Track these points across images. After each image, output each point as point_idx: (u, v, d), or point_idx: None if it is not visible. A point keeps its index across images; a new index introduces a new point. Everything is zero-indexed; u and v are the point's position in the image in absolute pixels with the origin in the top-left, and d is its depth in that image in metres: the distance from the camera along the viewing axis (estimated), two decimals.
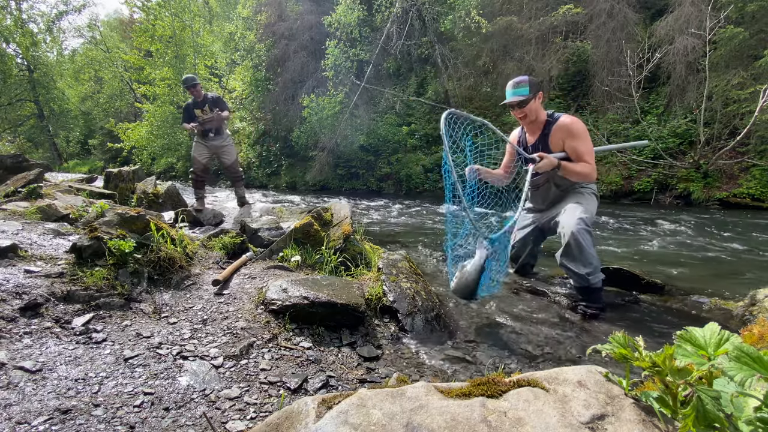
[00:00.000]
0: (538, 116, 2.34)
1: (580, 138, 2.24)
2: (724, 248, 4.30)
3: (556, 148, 2.31)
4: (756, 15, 9.36)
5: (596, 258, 2.16)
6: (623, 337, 0.78)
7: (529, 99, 2.24)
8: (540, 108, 2.34)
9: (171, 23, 16.66)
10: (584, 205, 2.25)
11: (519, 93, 2.25)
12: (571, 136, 2.25)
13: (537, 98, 2.29)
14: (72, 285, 1.66)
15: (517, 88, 2.26)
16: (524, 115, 2.30)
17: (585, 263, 2.11)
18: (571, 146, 2.25)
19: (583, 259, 2.11)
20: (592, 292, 2.17)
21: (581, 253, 2.11)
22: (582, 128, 2.26)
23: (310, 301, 1.69)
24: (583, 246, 2.10)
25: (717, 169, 9.31)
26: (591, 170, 2.26)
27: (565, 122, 2.27)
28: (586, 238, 2.11)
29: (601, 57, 11.75)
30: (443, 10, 12.68)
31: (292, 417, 0.75)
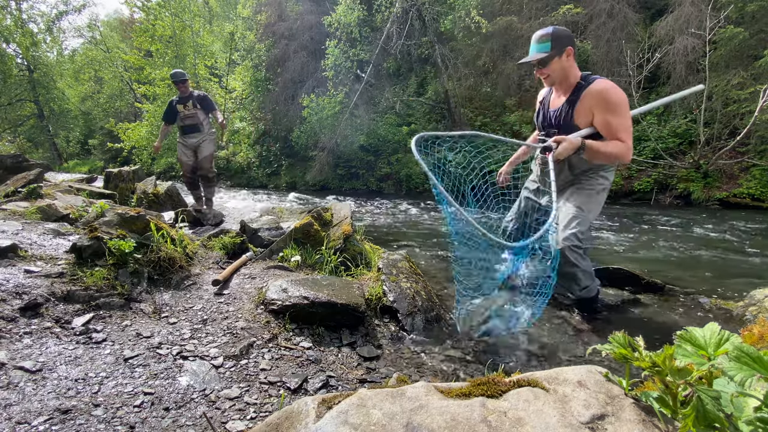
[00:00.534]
0: (567, 77, 1.92)
1: (616, 110, 1.82)
2: (724, 248, 4.30)
3: (582, 118, 1.90)
4: (756, 15, 9.36)
5: (588, 272, 1.96)
6: (623, 337, 0.78)
7: (551, 57, 1.85)
8: (571, 67, 1.90)
9: (171, 23, 16.66)
10: (585, 211, 1.95)
11: (540, 50, 1.86)
12: (604, 106, 1.83)
13: (565, 55, 1.87)
14: (72, 285, 1.66)
15: (539, 44, 1.87)
16: (547, 76, 1.92)
17: (575, 282, 1.96)
18: (604, 120, 1.84)
19: (572, 277, 1.94)
20: (586, 303, 2.09)
21: (569, 271, 1.92)
22: (620, 97, 1.84)
23: (310, 301, 1.69)
24: (572, 264, 1.89)
25: (717, 169, 9.32)
26: (626, 150, 1.84)
27: (598, 88, 1.84)
28: (575, 256, 1.89)
29: (601, 57, 11.74)
30: (443, 10, 12.68)
31: (292, 417, 0.75)
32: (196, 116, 4.74)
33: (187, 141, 4.77)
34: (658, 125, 10.70)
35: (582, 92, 1.88)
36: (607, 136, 1.86)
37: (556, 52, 1.85)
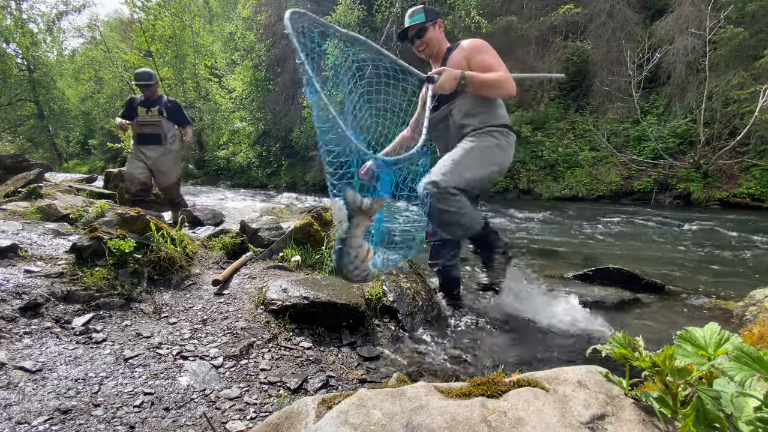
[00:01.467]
0: (440, 48, 2.07)
1: (485, 50, 1.92)
2: (724, 248, 4.30)
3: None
4: (756, 15, 9.36)
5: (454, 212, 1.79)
6: (623, 337, 0.78)
7: (426, 26, 2.00)
8: (443, 39, 2.08)
9: (171, 23, 16.65)
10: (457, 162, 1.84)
11: (414, 20, 2.01)
12: (475, 52, 1.93)
13: (436, 26, 2.04)
14: (72, 285, 1.66)
15: (413, 16, 2.02)
16: (425, 46, 2.05)
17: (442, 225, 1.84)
18: (478, 60, 1.91)
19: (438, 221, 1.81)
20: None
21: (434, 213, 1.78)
22: (485, 42, 1.97)
23: (310, 301, 1.69)
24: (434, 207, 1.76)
25: (717, 169, 9.32)
26: (506, 78, 1.85)
27: (465, 43, 1.98)
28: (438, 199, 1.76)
29: (601, 57, 11.74)
30: (443, 10, 12.68)
31: (292, 417, 0.75)
32: (160, 125, 4.03)
33: (143, 153, 4.02)
34: (658, 125, 10.70)
35: (451, 52, 2.02)
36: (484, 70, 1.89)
37: (430, 22, 2.01)
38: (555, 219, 7.00)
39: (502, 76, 1.85)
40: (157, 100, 4.08)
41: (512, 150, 2.04)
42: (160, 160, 4.05)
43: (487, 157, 1.93)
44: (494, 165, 1.95)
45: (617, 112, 11.32)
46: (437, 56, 2.09)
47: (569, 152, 11.68)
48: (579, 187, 11.03)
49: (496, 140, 1.96)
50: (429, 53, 2.08)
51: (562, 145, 11.90)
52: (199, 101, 18.45)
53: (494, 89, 1.89)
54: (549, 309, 2.23)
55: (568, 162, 11.59)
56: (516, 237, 5.11)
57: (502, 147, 1.97)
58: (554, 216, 7.33)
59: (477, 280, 2.71)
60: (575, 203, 10.08)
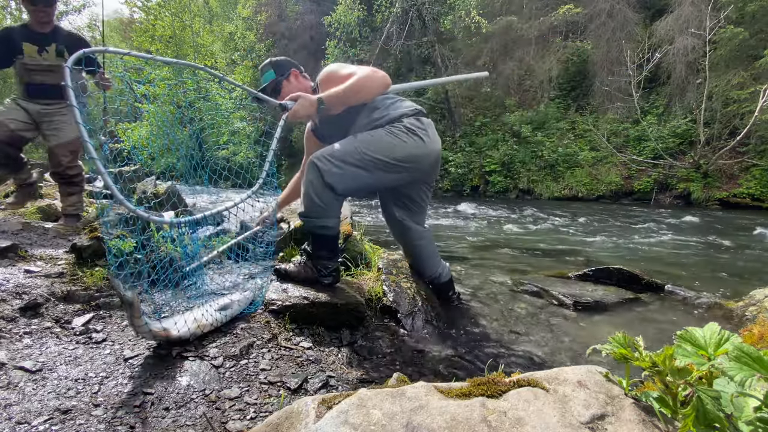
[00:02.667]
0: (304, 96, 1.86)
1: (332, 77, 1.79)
2: (724, 248, 4.30)
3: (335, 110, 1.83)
4: (756, 15, 9.37)
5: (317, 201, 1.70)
6: (623, 337, 0.78)
7: (279, 81, 1.91)
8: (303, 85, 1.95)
9: (171, 23, 16.65)
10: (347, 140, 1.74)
11: (266, 80, 1.94)
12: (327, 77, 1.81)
13: (291, 78, 1.94)
14: (72, 285, 1.66)
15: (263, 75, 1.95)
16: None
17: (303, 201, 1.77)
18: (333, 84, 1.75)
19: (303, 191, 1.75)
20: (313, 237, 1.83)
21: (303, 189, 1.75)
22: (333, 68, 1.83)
23: (310, 301, 1.69)
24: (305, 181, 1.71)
25: (717, 169, 9.32)
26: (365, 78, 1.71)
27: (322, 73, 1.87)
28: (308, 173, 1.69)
29: (601, 57, 11.74)
30: (443, 10, 12.68)
31: (292, 417, 0.75)
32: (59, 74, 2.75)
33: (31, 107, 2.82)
34: (658, 125, 10.70)
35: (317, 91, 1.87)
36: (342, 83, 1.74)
37: (281, 77, 1.92)
38: (555, 219, 7.00)
39: (357, 78, 1.69)
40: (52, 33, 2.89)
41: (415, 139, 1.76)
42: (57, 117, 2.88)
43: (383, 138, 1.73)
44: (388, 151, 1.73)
45: (617, 112, 11.32)
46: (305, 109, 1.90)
47: (569, 152, 11.68)
48: (579, 187, 11.03)
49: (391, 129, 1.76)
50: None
51: (562, 145, 11.91)
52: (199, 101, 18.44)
53: (358, 93, 1.73)
54: (549, 309, 2.24)
55: (568, 162, 11.60)
56: (516, 237, 5.11)
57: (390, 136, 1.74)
58: (554, 216, 7.33)
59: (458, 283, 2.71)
60: (575, 203, 10.08)
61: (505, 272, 3.07)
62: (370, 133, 1.75)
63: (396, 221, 2.05)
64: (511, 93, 13.18)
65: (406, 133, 1.75)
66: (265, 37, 16.27)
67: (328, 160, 1.67)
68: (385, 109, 1.84)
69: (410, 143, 1.75)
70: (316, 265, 1.84)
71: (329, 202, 1.72)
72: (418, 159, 1.79)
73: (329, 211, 1.74)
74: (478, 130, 13.47)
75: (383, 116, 1.81)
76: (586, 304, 2.30)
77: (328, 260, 1.84)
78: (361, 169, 1.70)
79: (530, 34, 12.51)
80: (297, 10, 15.72)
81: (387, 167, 1.73)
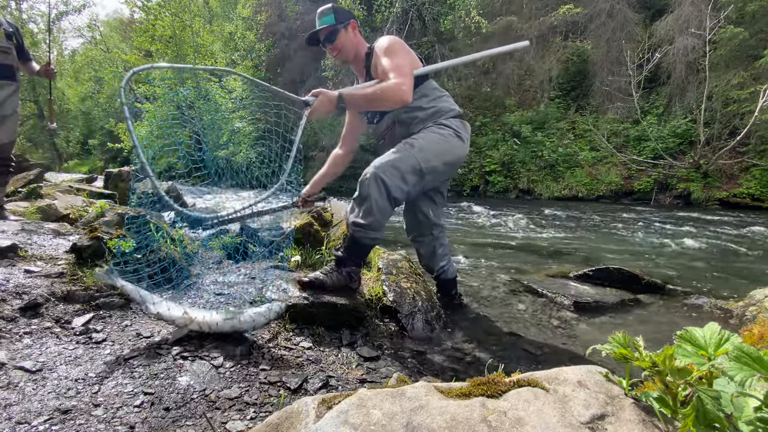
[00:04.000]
0: (358, 52, 1.88)
1: (388, 51, 1.73)
2: (724, 248, 4.30)
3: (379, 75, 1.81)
4: (756, 15, 9.37)
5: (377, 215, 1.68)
6: (623, 337, 0.78)
7: (337, 29, 1.80)
8: (359, 43, 1.88)
9: (171, 23, 16.65)
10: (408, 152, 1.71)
11: (323, 23, 1.81)
12: (382, 50, 1.75)
13: (349, 29, 1.84)
14: (72, 285, 1.66)
15: (321, 18, 1.82)
16: (338, 52, 1.86)
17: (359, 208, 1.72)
18: (378, 63, 1.75)
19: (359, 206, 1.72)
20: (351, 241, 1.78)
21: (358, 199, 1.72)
22: (396, 42, 1.78)
23: (310, 301, 1.69)
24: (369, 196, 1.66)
25: (717, 169, 9.32)
26: (392, 90, 1.63)
27: (379, 43, 1.79)
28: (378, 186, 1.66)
29: (601, 57, 11.74)
30: (443, 10, 12.69)
31: (292, 417, 0.75)
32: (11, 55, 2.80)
33: None
34: (658, 125, 10.70)
35: (372, 56, 1.83)
36: (380, 77, 1.75)
37: (341, 25, 1.80)
38: (555, 219, 7.00)
39: (385, 86, 1.65)
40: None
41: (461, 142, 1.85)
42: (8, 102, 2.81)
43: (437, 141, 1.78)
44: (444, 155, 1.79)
45: (617, 112, 11.32)
46: (358, 63, 1.91)
47: (569, 152, 11.68)
48: (579, 187, 11.03)
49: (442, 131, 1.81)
50: (344, 59, 1.89)
51: (562, 145, 11.91)
52: (199, 101, 18.44)
53: (377, 102, 1.69)
54: (549, 309, 2.24)
55: (568, 162, 11.60)
56: (516, 237, 5.11)
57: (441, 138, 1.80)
58: (554, 216, 7.33)
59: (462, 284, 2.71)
60: (575, 203, 10.08)
61: (505, 272, 3.07)
62: (424, 138, 1.77)
63: (423, 216, 2.06)
64: (511, 93, 13.18)
65: (455, 137, 1.82)
66: (265, 37, 16.26)
67: (394, 174, 1.66)
68: (433, 100, 1.88)
69: (457, 146, 1.83)
70: (350, 272, 1.83)
71: (388, 215, 1.74)
72: (460, 160, 1.88)
73: (384, 222, 1.77)
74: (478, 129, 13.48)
75: (431, 107, 1.85)
76: (586, 304, 2.30)
77: (359, 267, 1.87)
78: (419, 177, 1.73)
79: (530, 34, 12.51)
80: (297, 10, 15.72)
81: (438, 171, 1.79)
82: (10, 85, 2.84)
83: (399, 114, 1.85)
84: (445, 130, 1.81)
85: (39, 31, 25.32)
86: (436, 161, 1.75)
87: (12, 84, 2.86)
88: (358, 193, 1.72)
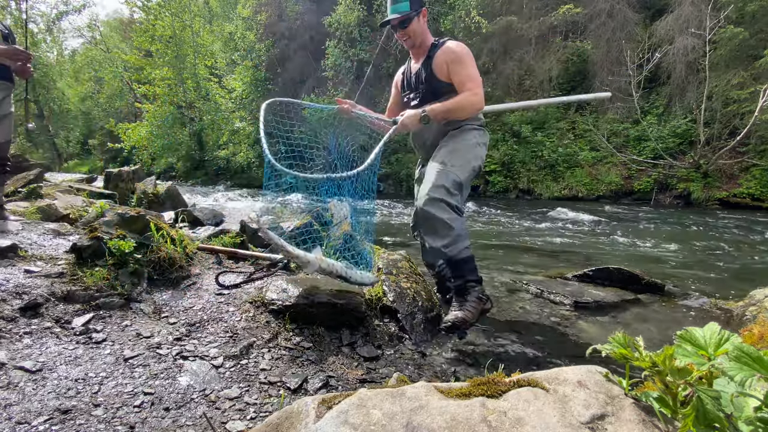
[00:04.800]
0: (424, 40, 1.99)
1: (463, 62, 1.88)
2: (724, 248, 4.30)
3: (441, 74, 1.94)
4: (756, 15, 9.36)
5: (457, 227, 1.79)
6: (623, 337, 0.78)
7: (411, 16, 1.89)
8: (426, 31, 1.99)
9: (171, 23, 16.65)
10: (447, 165, 1.86)
11: (398, 10, 1.89)
12: (454, 59, 1.89)
13: (421, 17, 1.94)
14: (72, 285, 1.66)
15: (397, 4, 1.89)
16: (408, 38, 1.96)
17: (439, 236, 1.79)
18: (454, 71, 1.90)
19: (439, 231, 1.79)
20: (456, 264, 1.81)
21: (432, 226, 1.80)
22: (468, 52, 1.91)
23: (310, 301, 1.69)
24: (435, 218, 1.77)
25: (717, 169, 9.32)
26: (472, 99, 1.84)
27: (451, 46, 1.92)
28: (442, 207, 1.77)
29: (601, 57, 11.74)
30: (443, 10, 12.68)
31: (292, 417, 0.75)
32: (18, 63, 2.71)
33: None
34: (658, 125, 10.69)
35: (437, 50, 1.94)
36: (457, 86, 1.90)
37: (414, 13, 1.90)
38: (555, 219, 7.00)
39: (464, 98, 1.84)
40: None
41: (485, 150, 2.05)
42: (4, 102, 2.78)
43: (471, 155, 1.94)
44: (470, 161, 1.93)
45: (617, 112, 11.32)
46: (421, 49, 2.01)
47: (569, 152, 11.68)
48: (579, 187, 11.03)
49: (476, 137, 1.99)
50: (412, 44, 2.00)
51: (562, 145, 11.91)
52: (199, 101, 18.48)
53: (459, 112, 1.88)
54: (549, 309, 2.23)
55: (568, 162, 11.60)
56: (516, 237, 5.11)
57: (478, 145, 1.98)
58: (554, 216, 7.33)
59: None
60: (575, 203, 10.08)
61: (505, 272, 3.07)
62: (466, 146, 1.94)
63: None
64: (511, 93, 13.18)
65: (486, 143, 2.04)
66: (265, 37, 16.25)
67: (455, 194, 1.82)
68: None
69: (485, 150, 2.04)
70: (476, 294, 1.81)
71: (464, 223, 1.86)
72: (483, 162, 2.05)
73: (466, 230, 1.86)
74: None
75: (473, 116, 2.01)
76: (586, 304, 2.30)
77: (478, 282, 1.85)
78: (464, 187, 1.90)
79: (530, 34, 12.51)
80: (297, 10, 15.71)
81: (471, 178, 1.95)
82: (7, 86, 2.85)
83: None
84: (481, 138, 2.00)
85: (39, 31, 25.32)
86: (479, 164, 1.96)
87: (9, 84, 2.86)
88: (422, 223, 1.85)
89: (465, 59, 1.88)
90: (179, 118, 18.81)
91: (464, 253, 1.79)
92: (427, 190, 1.81)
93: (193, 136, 19.46)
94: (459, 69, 1.88)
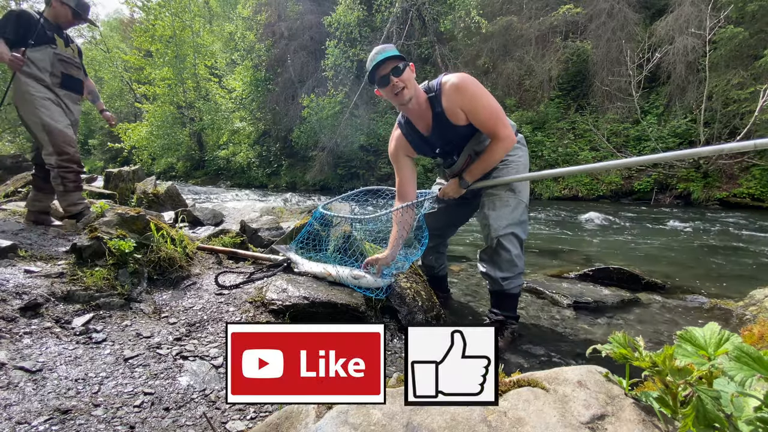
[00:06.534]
0: (418, 93, 1.73)
1: (474, 99, 1.67)
2: (724, 248, 4.30)
3: (461, 121, 1.74)
4: (756, 15, 9.35)
5: (520, 265, 1.83)
6: (623, 337, 0.78)
7: (406, 65, 1.68)
8: (415, 83, 1.74)
9: (171, 23, 16.65)
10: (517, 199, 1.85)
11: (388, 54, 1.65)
12: (464, 102, 1.68)
13: (410, 67, 1.71)
14: (72, 285, 1.66)
15: (384, 52, 1.66)
16: (403, 87, 1.66)
17: (504, 269, 1.82)
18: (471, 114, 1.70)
19: (503, 265, 1.82)
20: (505, 298, 1.87)
21: (502, 259, 1.81)
22: (471, 83, 1.69)
23: (310, 301, 1.69)
24: (510, 252, 1.79)
25: (717, 169, 9.32)
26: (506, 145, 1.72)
27: (451, 84, 1.68)
28: (515, 243, 1.81)
29: (601, 57, 11.74)
30: (443, 10, 12.68)
31: (292, 417, 0.75)
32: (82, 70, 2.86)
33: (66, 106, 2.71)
34: (658, 125, 10.69)
35: (440, 100, 1.72)
36: (481, 130, 1.76)
37: (403, 63, 1.68)
38: (555, 219, 7.00)
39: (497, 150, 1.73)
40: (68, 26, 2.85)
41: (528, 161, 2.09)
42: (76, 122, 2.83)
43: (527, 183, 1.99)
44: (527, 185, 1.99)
45: (617, 112, 11.32)
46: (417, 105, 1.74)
47: (569, 152, 11.68)
48: (579, 187, 11.03)
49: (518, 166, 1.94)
50: (407, 98, 1.68)
51: (562, 145, 11.91)
52: (199, 101, 18.48)
53: (494, 164, 1.81)
54: (549, 309, 2.23)
55: (568, 162, 11.59)
56: None
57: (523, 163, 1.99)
58: (554, 216, 7.33)
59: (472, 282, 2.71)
60: (575, 203, 10.08)
61: None
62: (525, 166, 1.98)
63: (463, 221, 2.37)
64: (511, 93, 13.18)
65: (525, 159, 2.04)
66: (265, 37, 16.25)
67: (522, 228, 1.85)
68: None
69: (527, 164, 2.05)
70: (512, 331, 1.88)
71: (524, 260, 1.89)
72: None
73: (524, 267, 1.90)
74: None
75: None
76: (586, 304, 2.30)
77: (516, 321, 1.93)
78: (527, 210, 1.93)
79: (530, 34, 12.51)
80: (297, 10, 15.71)
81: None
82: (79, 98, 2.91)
83: (473, 147, 1.87)
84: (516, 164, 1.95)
85: None
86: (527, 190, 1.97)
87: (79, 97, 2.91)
88: (494, 251, 1.84)
89: (474, 94, 1.67)
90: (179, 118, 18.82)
91: (516, 290, 1.87)
92: (506, 223, 1.81)
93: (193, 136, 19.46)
94: (475, 109, 1.68)
